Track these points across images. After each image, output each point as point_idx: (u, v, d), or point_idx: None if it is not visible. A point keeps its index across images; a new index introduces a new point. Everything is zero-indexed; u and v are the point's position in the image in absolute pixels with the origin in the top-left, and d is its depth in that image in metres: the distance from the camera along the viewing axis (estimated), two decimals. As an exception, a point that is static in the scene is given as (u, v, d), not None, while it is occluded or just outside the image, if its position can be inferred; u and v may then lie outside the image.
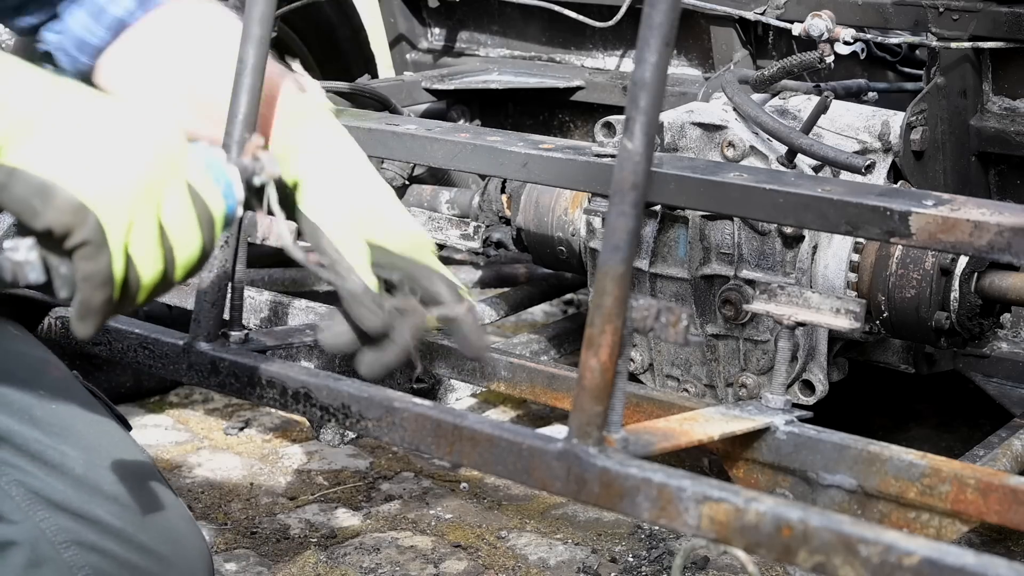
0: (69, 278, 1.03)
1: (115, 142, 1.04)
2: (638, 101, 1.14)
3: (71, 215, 1.01)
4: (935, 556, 1.00)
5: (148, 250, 1.06)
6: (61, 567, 1.34)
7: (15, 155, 1.01)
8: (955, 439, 2.64)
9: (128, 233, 1.04)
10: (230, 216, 1.14)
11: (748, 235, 1.99)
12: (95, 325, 1.05)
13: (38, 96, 1.04)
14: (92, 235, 1.02)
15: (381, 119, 2.06)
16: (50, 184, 1.01)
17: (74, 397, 1.45)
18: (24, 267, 1.02)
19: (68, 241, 1.02)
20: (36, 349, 1.49)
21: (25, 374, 1.43)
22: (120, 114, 1.07)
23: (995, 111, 2.10)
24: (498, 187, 2.34)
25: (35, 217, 1.01)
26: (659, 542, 2.28)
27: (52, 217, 1.01)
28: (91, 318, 1.05)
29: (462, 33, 2.82)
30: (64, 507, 1.36)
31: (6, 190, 1.01)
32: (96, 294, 1.04)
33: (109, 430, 1.45)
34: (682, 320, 1.14)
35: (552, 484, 1.21)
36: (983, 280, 1.90)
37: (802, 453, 1.63)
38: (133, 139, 1.06)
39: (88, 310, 1.04)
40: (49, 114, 1.03)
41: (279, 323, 2.06)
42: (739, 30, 2.37)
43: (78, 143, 1.03)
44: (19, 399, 1.40)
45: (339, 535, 2.31)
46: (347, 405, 1.34)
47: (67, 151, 1.02)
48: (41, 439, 1.39)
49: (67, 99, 1.05)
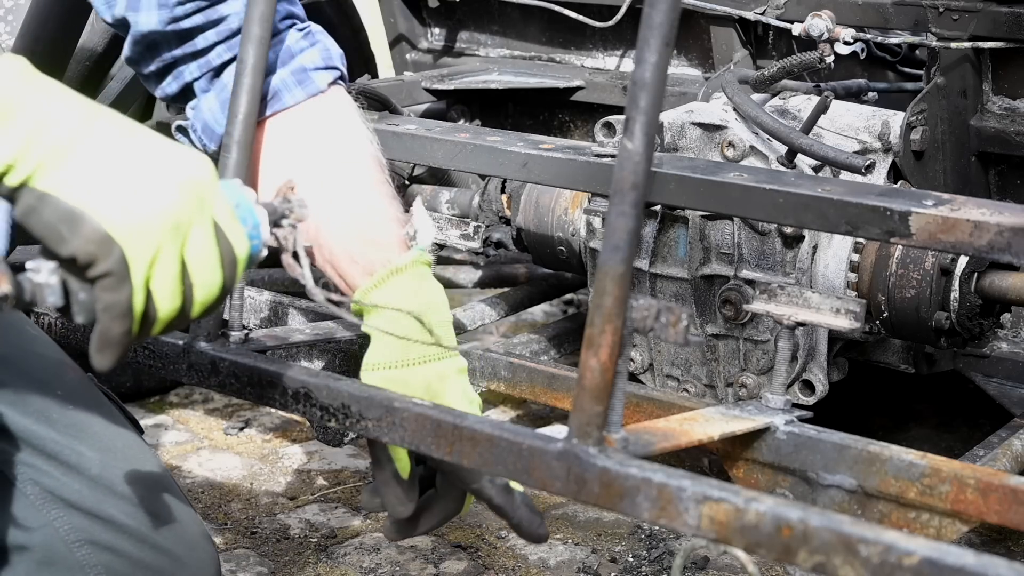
0: (87, 304, 1.04)
1: (147, 176, 1.05)
2: (638, 101, 1.14)
3: (96, 245, 1.01)
4: (935, 556, 1.00)
5: (168, 286, 1.06)
6: (73, 566, 1.35)
7: (47, 180, 1.02)
8: (955, 439, 2.64)
9: (151, 267, 1.04)
10: (254, 256, 1.14)
11: (748, 235, 1.99)
12: (114, 357, 1.06)
13: (76, 123, 1.04)
14: (115, 267, 1.02)
15: (381, 119, 2.06)
16: (79, 212, 1.01)
17: (90, 399, 1.46)
18: (44, 289, 1.03)
19: (91, 270, 1.02)
20: (53, 350, 1.50)
21: (42, 375, 1.44)
22: (154, 148, 1.07)
23: (995, 111, 2.10)
24: (498, 187, 2.34)
25: (61, 243, 1.01)
26: (659, 542, 2.28)
27: (78, 245, 1.01)
28: (110, 350, 1.05)
29: (462, 33, 2.82)
30: (79, 506, 1.37)
31: (35, 214, 1.02)
32: (115, 325, 1.04)
33: (123, 432, 1.46)
34: (682, 320, 1.14)
35: (552, 484, 1.21)
36: (983, 280, 1.90)
37: (802, 453, 1.63)
38: (165, 174, 1.06)
39: (107, 341, 1.05)
40: (85, 142, 1.03)
41: (279, 323, 2.06)
42: (739, 30, 2.37)
43: (110, 174, 1.03)
44: (36, 399, 1.41)
45: (339, 535, 2.31)
46: (347, 405, 1.34)
47: (99, 181, 1.02)
48: (57, 439, 1.39)
49: (103, 128, 1.05)
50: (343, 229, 1.50)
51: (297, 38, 1.55)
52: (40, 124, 1.02)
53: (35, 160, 1.01)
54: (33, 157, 1.01)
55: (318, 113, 1.54)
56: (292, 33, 1.55)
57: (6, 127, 1.00)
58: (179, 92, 1.55)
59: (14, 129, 1.01)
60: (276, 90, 1.51)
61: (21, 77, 1.03)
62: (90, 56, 2.44)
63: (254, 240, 1.13)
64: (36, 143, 1.01)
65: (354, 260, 1.49)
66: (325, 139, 1.54)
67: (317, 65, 1.54)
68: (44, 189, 1.01)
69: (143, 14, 1.48)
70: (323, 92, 1.54)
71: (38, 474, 1.37)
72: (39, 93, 1.03)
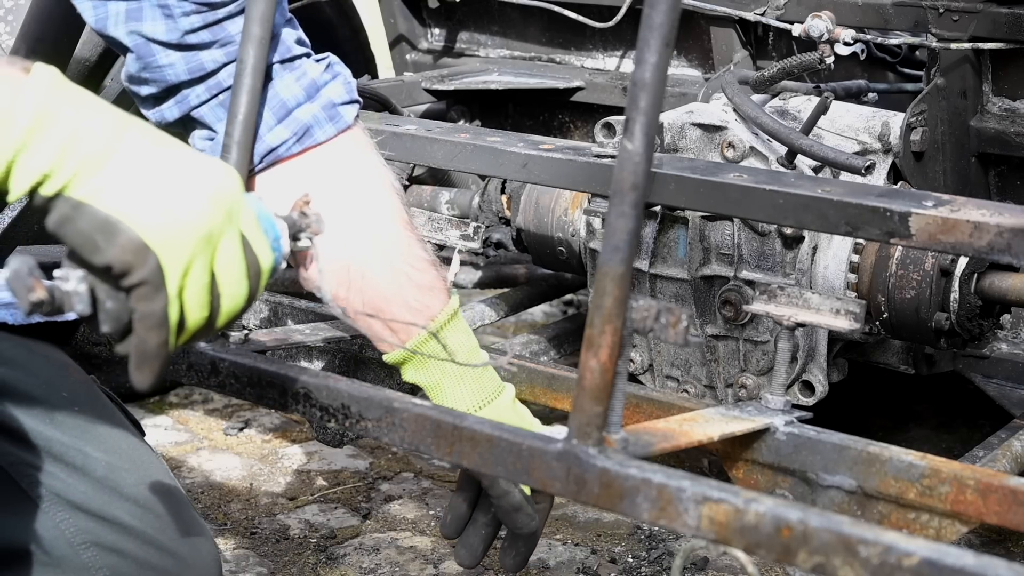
0: (114, 313, 1.03)
1: (179, 186, 1.04)
2: (638, 102, 1.14)
3: (133, 254, 1.01)
4: (935, 557, 1.00)
5: (199, 296, 1.06)
6: (79, 568, 1.35)
7: (82, 189, 1.01)
8: (955, 440, 2.64)
9: (184, 277, 1.04)
10: (276, 268, 1.14)
11: (748, 236, 1.99)
12: (153, 372, 1.05)
13: (109, 133, 1.03)
14: (151, 276, 1.02)
15: (381, 119, 2.06)
16: (115, 221, 1.01)
17: (94, 400, 1.47)
18: (72, 297, 1.02)
19: (126, 280, 1.02)
20: (57, 353, 1.50)
21: (47, 377, 1.44)
22: (184, 158, 1.07)
23: (995, 112, 2.10)
24: (498, 187, 2.34)
25: (96, 252, 1.01)
26: (659, 543, 2.28)
27: (114, 255, 1.01)
28: (148, 365, 1.05)
29: (462, 33, 2.82)
30: (84, 508, 1.37)
31: (70, 223, 1.01)
32: (151, 336, 1.03)
33: (127, 434, 1.46)
34: (682, 321, 1.14)
35: (552, 484, 1.21)
36: (983, 281, 1.90)
37: (802, 454, 1.63)
38: (197, 185, 1.05)
39: (144, 355, 1.04)
40: (118, 152, 1.03)
41: (279, 323, 2.06)
42: (739, 31, 2.37)
43: (144, 183, 1.03)
44: (42, 401, 1.41)
45: (339, 535, 2.31)
46: (347, 405, 1.34)
47: (133, 190, 1.02)
48: (63, 441, 1.40)
49: (135, 139, 1.05)
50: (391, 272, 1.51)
51: (320, 70, 1.52)
52: (74, 134, 1.01)
53: (71, 170, 1.01)
54: (69, 167, 1.01)
55: (348, 149, 1.52)
56: (312, 64, 1.52)
57: (42, 137, 1.00)
58: (180, 118, 1.52)
59: (50, 139, 1.01)
60: (308, 126, 1.49)
61: (54, 87, 1.02)
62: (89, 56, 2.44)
63: (276, 252, 1.14)
64: (71, 153, 1.01)
65: (410, 306, 1.51)
66: (357, 177, 1.53)
67: (343, 100, 1.52)
68: (79, 198, 1.01)
69: (147, 24, 1.44)
70: (351, 128, 1.53)
71: (44, 476, 1.37)
72: (72, 103, 1.03)
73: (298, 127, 1.48)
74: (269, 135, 1.47)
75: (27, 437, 1.38)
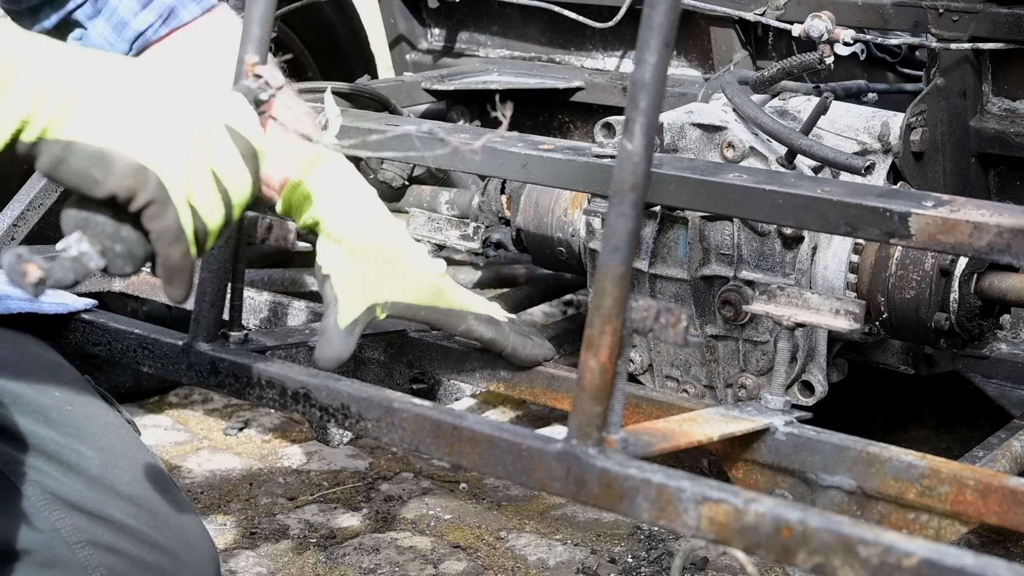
0: (126, 252, 1.05)
1: (157, 102, 1.07)
2: (638, 102, 1.14)
3: (132, 178, 1.03)
4: (934, 557, 1.00)
5: (209, 197, 1.08)
6: (75, 567, 1.35)
7: (66, 130, 1.03)
8: (955, 440, 2.64)
9: (188, 185, 1.06)
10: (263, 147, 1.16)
11: (748, 236, 1.99)
12: (184, 285, 1.08)
13: (76, 71, 1.05)
14: (156, 193, 1.04)
15: (381, 119, 2.06)
16: (107, 151, 1.03)
17: (87, 399, 1.46)
18: (83, 259, 1.04)
19: (133, 204, 1.04)
20: (49, 352, 1.50)
21: (40, 376, 1.44)
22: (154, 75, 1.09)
23: (995, 112, 2.10)
24: (498, 188, 2.34)
25: (96, 186, 1.03)
26: (658, 543, 2.28)
27: (114, 183, 1.03)
28: (178, 277, 1.07)
29: (462, 33, 2.82)
30: (80, 507, 1.37)
31: (64, 164, 1.03)
32: (172, 250, 1.06)
33: (122, 431, 1.46)
34: (681, 321, 1.14)
35: (552, 485, 1.21)
36: (983, 281, 1.90)
37: (801, 454, 1.63)
38: (173, 96, 1.08)
39: (172, 270, 1.07)
40: (90, 86, 1.05)
41: (279, 323, 2.06)
42: (739, 31, 2.37)
43: (124, 109, 1.05)
44: (35, 400, 1.41)
45: (339, 535, 2.31)
46: (346, 405, 1.34)
47: (115, 118, 1.04)
48: (57, 439, 1.39)
49: (103, 69, 1.06)
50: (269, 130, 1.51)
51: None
52: (44, 76, 1.03)
53: (48, 112, 1.02)
54: (46, 109, 1.02)
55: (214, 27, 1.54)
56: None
57: (13, 84, 1.01)
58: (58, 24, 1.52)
59: (21, 85, 1.02)
60: (171, 7, 1.50)
61: (11, 35, 1.04)
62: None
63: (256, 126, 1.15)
64: (45, 95, 1.02)
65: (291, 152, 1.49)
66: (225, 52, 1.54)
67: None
68: (67, 138, 1.02)
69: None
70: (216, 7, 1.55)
71: (39, 475, 1.37)
72: (33, 47, 1.04)
73: (162, 9, 1.50)
74: (135, 20, 1.49)
75: (20, 436, 1.38)
